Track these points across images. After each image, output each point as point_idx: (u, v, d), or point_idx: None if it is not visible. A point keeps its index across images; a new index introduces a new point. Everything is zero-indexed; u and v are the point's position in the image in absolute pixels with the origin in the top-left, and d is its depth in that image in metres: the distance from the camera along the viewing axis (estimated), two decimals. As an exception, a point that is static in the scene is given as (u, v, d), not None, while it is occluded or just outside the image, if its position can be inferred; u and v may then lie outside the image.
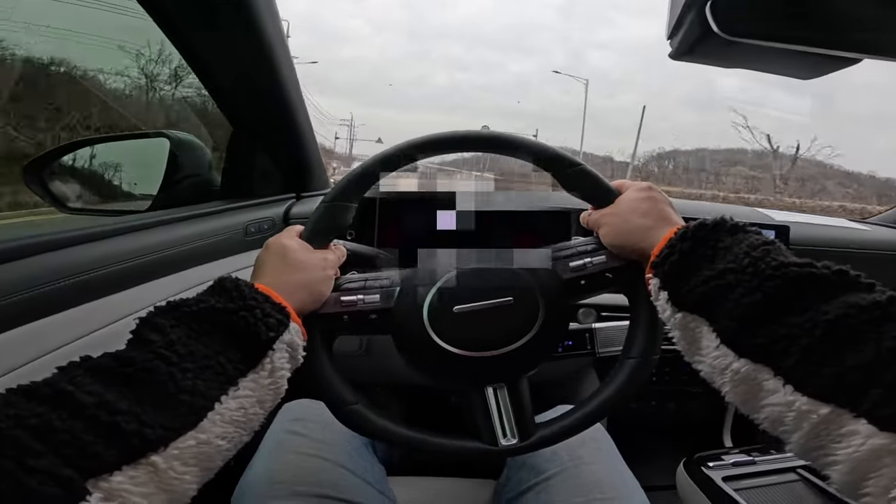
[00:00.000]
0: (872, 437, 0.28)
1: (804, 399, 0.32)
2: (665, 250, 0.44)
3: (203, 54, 0.77)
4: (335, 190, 0.53)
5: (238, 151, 0.96)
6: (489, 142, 0.55)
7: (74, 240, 0.59)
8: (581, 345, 0.92)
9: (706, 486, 0.80)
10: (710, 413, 1.23)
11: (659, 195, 0.52)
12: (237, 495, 0.59)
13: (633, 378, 0.52)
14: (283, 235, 0.52)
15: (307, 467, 0.61)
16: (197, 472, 0.34)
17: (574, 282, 0.53)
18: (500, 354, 0.51)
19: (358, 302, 0.51)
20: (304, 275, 0.49)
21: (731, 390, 0.38)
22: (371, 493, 0.62)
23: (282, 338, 0.42)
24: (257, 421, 0.41)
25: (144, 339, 0.36)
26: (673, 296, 0.43)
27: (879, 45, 0.39)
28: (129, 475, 0.30)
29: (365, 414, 0.51)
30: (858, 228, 1.31)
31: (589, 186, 0.54)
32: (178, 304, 0.40)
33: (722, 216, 0.44)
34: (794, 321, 0.34)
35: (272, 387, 0.41)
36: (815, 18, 0.38)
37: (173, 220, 0.75)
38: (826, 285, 0.35)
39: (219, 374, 0.37)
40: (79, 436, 0.29)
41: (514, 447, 0.52)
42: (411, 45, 57.53)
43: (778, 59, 0.42)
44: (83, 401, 0.30)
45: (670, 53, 0.44)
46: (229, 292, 0.41)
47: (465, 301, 0.51)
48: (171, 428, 0.33)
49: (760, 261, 0.38)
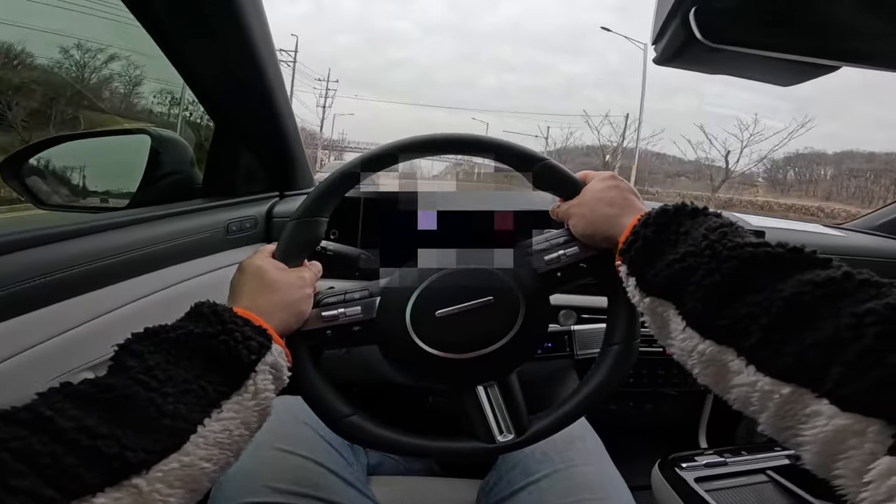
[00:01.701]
0: (835, 417, 0.28)
1: (767, 379, 0.32)
2: (630, 237, 0.45)
3: (185, 50, 0.76)
4: (303, 206, 0.53)
5: (221, 149, 0.96)
6: (452, 144, 0.55)
7: (52, 237, 0.58)
8: (560, 346, 0.93)
9: (679, 487, 0.81)
10: (686, 414, 1.25)
11: (623, 183, 0.53)
12: (215, 491, 0.59)
13: (619, 363, 0.53)
14: (256, 257, 0.51)
15: (285, 465, 0.61)
16: (183, 493, 0.34)
17: (550, 274, 0.53)
18: (486, 353, 0.51)
19: (339, 316, 0.52)
20: (282, 295, 0.48)
21: (700, 372, 0.38)
22: (351, 493, 0.62)
23: (264, 359, 0.42)
24: (244, 442, 0.41)
25: (123, 365, 0.36)
26: (640, 281, 0.44)
27: (858, 53, 0.40)
28: (112, 497, 0.30)
29: (362, 425, 0.51)
30: (833, 234, 1.34)
31: (555, 180, 0.55)
32: (155, 330, 0.40)
33: (682, 201, 0.45)
34: (752, 300, 0.34)
35: (257, 408, 0.41)
36: (796, 27, 0.39)
37: (153, 218, 0.75)
38: (782, 263, 0.35)
39: (200, 398, 0.37)
40: (60, 458, 0.29)
41: (511, 442, 0.53)
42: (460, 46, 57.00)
43: (760, 66, 0.43)
44: (63, 426, 0.30)
45: (654, 58, 0.45)
46: (207, 317, 0.41)
47: (446, 304, 0.51)
48: (153, 451, 0.33)
49: (718, 243, 0.38)
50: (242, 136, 0.95)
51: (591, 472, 0.64)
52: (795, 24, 0.39)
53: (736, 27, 0.40)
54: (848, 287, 0.32)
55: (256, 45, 0.76)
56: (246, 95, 0.86)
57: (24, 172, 0.90)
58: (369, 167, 0.54)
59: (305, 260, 0.54)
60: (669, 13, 0.40)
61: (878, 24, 0.39)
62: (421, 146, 0.55)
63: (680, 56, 0.42)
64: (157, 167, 0.88)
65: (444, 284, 0.52)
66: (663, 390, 1.08)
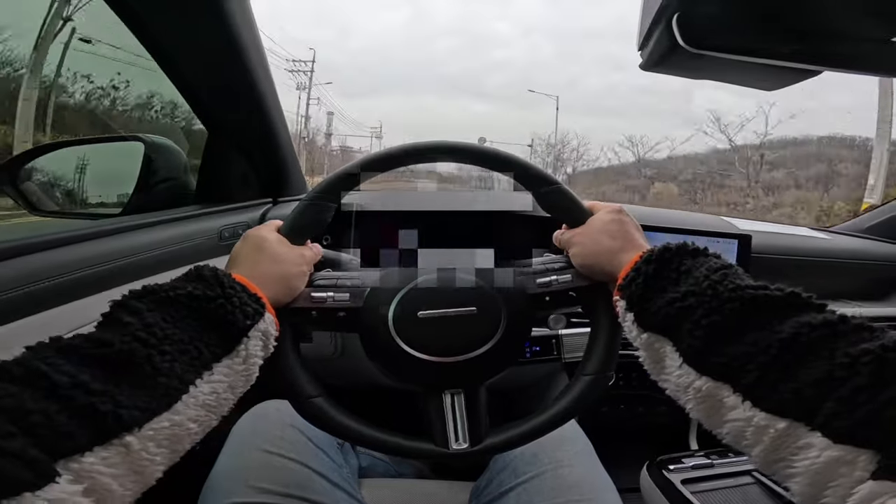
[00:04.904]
0: (827, 449, 0.29)
1: (762, 414, 0.33)
2: (631, 273, 0.45)
3: (176, 58, 0.77)
4: (317, 188, 0.55)
5: (214, 156, 0.97)
6: (474, 154, 0.57)
7: (47, 244, 0.59)
8: (548, 350, 0.95)
9: (666, 489, 0.83)
10: (678, 416, 1.26)
11: (628, 218, 0.53)
12: (205, 492, 0.60)
13: (585, 394, 0.54)
14: (262, 228, 0.53)
15: (272, 466, 0.62)
16: (167, 454, 0.35)
17: (539, 297, 0.54)
18: (459, 361, 0.52)
19: (328, 299, 0.53)
20: (281, 268, 0.50)
21: (694, 407, 0.39)
22: (338, 494, 0.63)
23: (257, 326, 0.43)
24: (227, 406, 0.41)
25: (120, 321, 0.36)
26: (639, 317, 0.44)
27: (839, 58, 0.41)
28: (100, 455, 0.30)
29: (323, 407, 0.52)
30: (819, 237, 1.35)
31: (563, 205, 0.56)
32: (153, 288, 0.40)
33: (684, 241, 0.46)
34: (750, 340, 0.36)
35: (245, 373, 0.42)
36: (777, 33, 0.40)
37: (147, 225, 0.76)
38: (780, 306, 0.36)
39: (194, 359, 0.38)
40: (53, 417, 0.29)
41: (463, 451, 0.53)
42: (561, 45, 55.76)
43: (743, 71, 0.45)
44: (58, 381, 0.30)
45: (640, 64, 0.46)
46: (207, 280, 0.42)
47: (430, 307, 0.52)
48: (146, 409, 0.33)
49: (719, 284, 0.39)
50: (235, 142, 0.96)
51: (579, 473, 0.65)
52: (776, 31, 0.40)
53: (718, 33, 0.41)
54: (844, 330, 0.33)
55: (247, 52, 0.77)
56: (237, 102, 0.87)
57: (20, 178, 0.91)
58: (388, 165, 0.56)
59: (308, 241, 0.55)
60: (654, 20, 0.41)
61: (859, 29, 0.40)
62: (449, 151, 0.56)
63: (664, 62, 0.44)
64: (151, 174, 0.89)
65: (434, 287, 0.53)
66: (655, 394, 1.09)
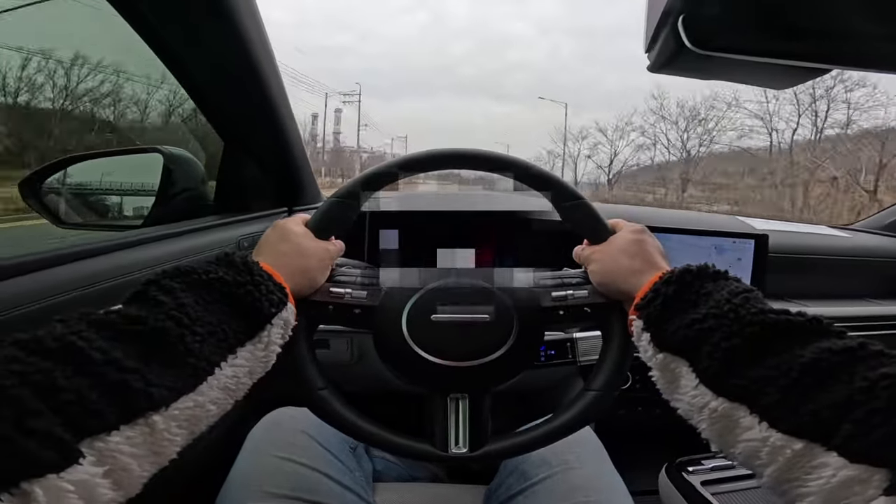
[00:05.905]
0: (843, 468, 0.30)
1: (779, 435, 0.34)
2: (650, 294, 0.45)
3: (190, 68, 0.78)
4: (345, 187, 0.56)
5: (230, 166, 0.99)
6: (499, 163, 0.57)
7: (70, 256, 0.60)
8: (563, 354, 0.94)
9: (686, 491, 0.82)
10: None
11: (650, 238, 0.53)
12: (221, 497, 0.61)
13: (588, 410, 0.54)
14: (290, 221, 0.54)
15: (285, 471, 0.63)
16: (186, 434, 0.35)
17: (553, 311, 0.54)
18: (467, 366, 0.52)
19: (345, 295, 0.54)
20: (305, 261, 0.51)
21: (707, 427, 0.39)
22: (350, 498, 0.64)
23: (280, 314, 0.44)
24: (242, 391, 0.42)
25: (153, 300, 0.37)
26: (655, 337, 0.44)
27: (849, 56, 0.41)
28: (125, 435, 0.30)
29: (329, 400, 0.53)
30: (839, 235, 1.33)
31: (586, 221, 0.56)
32: (186, 270, 0.41)
33: (705, 263, 0.46)
34: (771, 363, 0.36)
35: (264, 359, 0.44)
36: (783, 32, 0.40)
37: (168, 236, 0.77)
38: (802, 331, 0.37)
39: (221, 342, 0.39)
40: (83, 393, 0.29)
41: (461, 456, 0.54)
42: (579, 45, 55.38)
43: (752, 71, 0.44)
44: (92, 357, 0.30)
45: (648, 66, 0.46)
46: (237, 266, 0.44)
47: (444, 311, 0.53)
48: (173, 388, 0.34)
49: (741, 307, 0.40)
50: (250, 152, 0.98)
51: (589, 475, 0.65)
52: (782, 30, 0.40)
53: (724, 34, 0.40)
54: (863, 355, 0.34)
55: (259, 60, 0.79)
56: (252, 112, 0.88)
57: (42, 191, 0.94)
58: (412, 168, 0.56)
59: (333, 237, 0.56)
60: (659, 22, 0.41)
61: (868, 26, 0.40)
62: (471, 159, 0.57)
63: (672, 64, 0.43)
64: (170, 185, 0.91)
65: (450, 291, 0.54)
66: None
